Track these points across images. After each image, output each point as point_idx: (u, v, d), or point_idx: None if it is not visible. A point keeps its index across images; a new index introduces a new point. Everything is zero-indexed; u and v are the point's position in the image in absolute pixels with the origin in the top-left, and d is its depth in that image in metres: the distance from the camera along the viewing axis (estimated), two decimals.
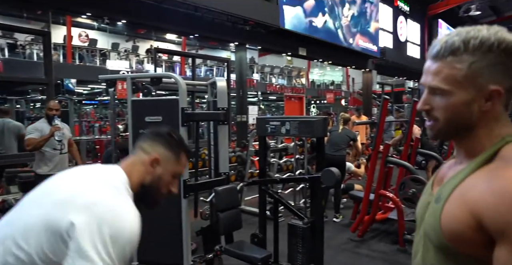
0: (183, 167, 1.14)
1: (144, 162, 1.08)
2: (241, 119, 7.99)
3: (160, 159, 1.08)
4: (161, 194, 1.10)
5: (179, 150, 1.12)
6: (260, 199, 3.11)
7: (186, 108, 2.88)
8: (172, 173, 1.10)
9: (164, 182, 1.09)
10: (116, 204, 0.93)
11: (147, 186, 1.07)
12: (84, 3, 5.45)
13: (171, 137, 1.12)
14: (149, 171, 1.07)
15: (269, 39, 8.74)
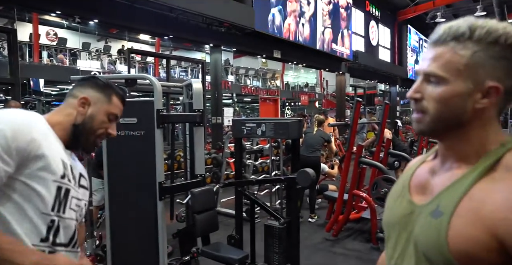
0: (117, 107, 1.14)
1: (73, 105, 1.09)
2: (216, 121, 7.97)
3: (90, 99, 1.09)
4: (96, 134, 1.10)
5: (109, 91, 1.12)
6: (237, 201, 3.12)
7: (162, 109, 2.85)
8: (105, 113, 1.11)
9: (97, 121, 1.09)
10: None
11: (80, 125, 1.08)
12: (54, 1, 5.29)
13: (98, 79, 1.14)
14: (80, 112, 1.08)
15: (244, 41, 8.78)
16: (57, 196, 0.97)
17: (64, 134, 1.06)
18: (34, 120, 0.97)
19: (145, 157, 2.83)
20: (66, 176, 1.00)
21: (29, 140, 0.91)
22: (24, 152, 0.89)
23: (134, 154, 2.91)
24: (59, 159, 0.99)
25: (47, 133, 1.00)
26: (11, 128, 0.89)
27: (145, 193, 2.85)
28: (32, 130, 0.93)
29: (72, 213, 1.04)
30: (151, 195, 2.81)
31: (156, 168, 2.81)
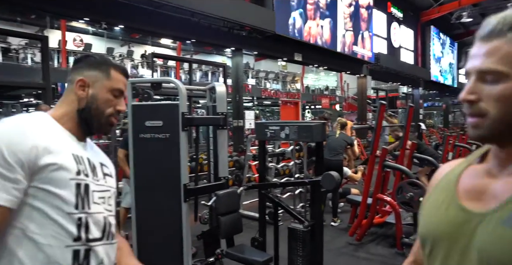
0: (119, 81, 1.05)
1: (72, 91, 1.02)
2: (237, 124, 8.01)
3: (87, 80, 1.02)
4: (105, 114, 1.04)
5: (105, 66, 1.04)
6: (260, 203, 3.13)
7: (186, 112, 2.90)
8: (107, 90, 1.03)
9: (102, 100, 1.02)
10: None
11: (85, 109, 1.01)
12: (83, 8, 5.47)
13: (91, 57, 1.06)
14: (81, 96, 1.01)
15: (265, 45, 8.82)
16: (78, 193, 0.93)
17: (73, 124, 1.01)
18: (29, 124, 0.90)
19: (170, 159, 2.88)
20: (81, 171, 0.95)
21: (29, 148, 0.85)
22: (28, 162, 0.85)
23: (159, 156, 2.97)
24: (70, 155, 0.94)
25: (50, 131, 0.94)
26: (5, 143, 0.83)
27: (170, 195, 2.89)
28: (28, 137, 0.87)
29: (98, 206, 0.99)
30: (176, 197, 2.85)
31: (180, 170, 2.85)
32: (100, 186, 1.01)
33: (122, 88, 1.06)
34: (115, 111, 1.05)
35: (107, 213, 1.02)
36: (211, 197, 3.42)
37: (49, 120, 0.97)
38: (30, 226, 0.86)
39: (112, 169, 1.12)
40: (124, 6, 5.88)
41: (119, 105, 1.06)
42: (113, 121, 1.06)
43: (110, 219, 1.03)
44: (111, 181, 1.08)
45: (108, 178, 1.07)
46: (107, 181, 1.06)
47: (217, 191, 2.87)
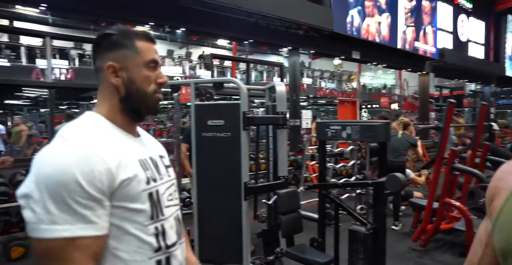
0: (148, 51, 0.93)
1: (106, 81, 0.91)
2: (294, 123, 7.98)
3: (115, 63, 0.90)
4: (148, 94, 0.93)
5: (129, 40, 0.91)
6: (320, 204, 3.09)
7: (247, 112, 2.94)
8: (142, 66, 0.91)
9: (140, 80, 0.91)
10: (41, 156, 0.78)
11: (126, 97, 0.91)
12: (148, 13, 5.80)
13: (108, 34, 0.91)
14: (117, 83, 0.90)
15: (322, 43, 8.68)
16: (152, 203, 0.88)
17: (123, 118, 0.92)
18: (92, 142, 0.80)
19: (231, 157, 2.95)
20: (150, 178, 0.89)
21: (104, 173, 0.78)
22: (107, 187, 0.78)
23: (220, 155, 3.05)
24: (137, 163, 0.88)
25: (111, 139, 0.86)
26: (80, 175, 0.74)
27: (230, 192, 2.96)
28: (98, 161, 0.78)
29: (169, 209, 0.95)
30: (236, 195, 2.92)
31: (241, 169, 2.91)
32: (166, 184, 0.97)
33: (155, 57, 0.94)
34: (157, 85, 0.94)
35: (176, 209, 1.00)
36: (270, 195, 3.45)
37: (103, 122, 0.89)
38: (114, 244, 0.82)
39: (166, 153, 1.06)
40: (185, 10, 6.13)
41: (159, 78, 0.94)
42: (159, 97, 0.95)
43: (178, 214, 1.01)
44: (171, 171, 1.03)
45: (170, 170, 1.02)
46: (170, 173, 1.01)
47: (277, 190, 2.89)
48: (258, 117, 3.36)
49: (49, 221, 0.69)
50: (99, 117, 0.90)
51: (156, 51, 0.96)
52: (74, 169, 0.73)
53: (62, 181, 0.71)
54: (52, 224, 0.69)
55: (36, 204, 0.70)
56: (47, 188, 0.70)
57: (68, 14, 7.45)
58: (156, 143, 1.07)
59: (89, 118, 0.89)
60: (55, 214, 0.69)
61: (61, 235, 0.69)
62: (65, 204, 0.70)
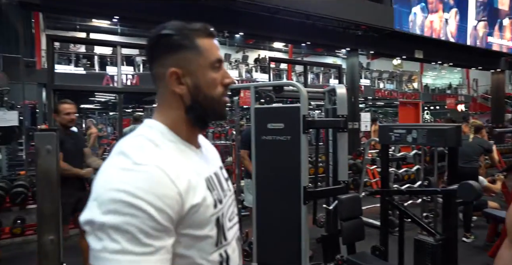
0: (212, 49, 0.80)
1: (168, 88, 0.79)
2: (352, 126, 7.76)
3: (177, 69, 0.78)
4: (215, 99, 0.81)
5: (188, 39, 0.78)
6: (382, 210, 2.96)
7: (307, 115, 2.91)
8: (207, 68, 0.80)
9: (206, 85, 0.80)
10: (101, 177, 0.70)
11: (193, 105, 0.80)
12: (207, 20, 5.96)
13: (165, 36, 0.79)
14: (182, 92, 0.79)
15: (381, 43, 8.37)
16: (219, 228, 0.79)
17: (188, 130, 0.82)
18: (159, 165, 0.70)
19: (291, 161, 2.93)
20: (216, 200, 0.80)
21: (175, 199, 0.69)
22: (175, 214, 0.70)
23: (280, 158, 3.05)
24: (204, 185, 0.78)
25: (178, 158, 0.76)
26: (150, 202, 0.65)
27: (289, 196, 2.94)
28: (169, 185, 0.69)
29: (231, 231, 0.86)
30: (296, 199, 2.89)
31: (301, 173, 2.88)
32: (228, 201, 0.87)
33: (219, 56, 0.82)
34: (224, 87, 0.83)
35: (237, 228, 0.91)
36: (330, 200, 3.38)
37: (166, 134, 0.79)
38: None
39: (224, 168, 0.96)
40: (244, 15, 6.25)
41: (225, 78, 0.83)
42: (226, 100, 0.84)
43: (238, 234, 0.92)
44: (230, 184, 0.94)
45: (229, 182, 0.93)
46: (230, 187, 0.92)
47: (338, 195, 2.82)
48: (318, 121, 3.31)
49: (113, 250, 0.63)
50: (162, 128, 0.79)
51: (218, 46, 0.83)
52: (143, 196, 0.65)
53: (128, 209, 0.64)
54: (116, 254, 0.63)
55: (100, 232, 0.64)
56: (114, 217, 0.63)
57: (135, 24, 7.97)
58: (214, 150, 0.96)
59: (152, 130, 0.79)
60: (120, 243, 0.63)
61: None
62: (130, 234, 0.63)
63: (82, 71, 10.79)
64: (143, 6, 5.38)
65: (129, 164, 0.69)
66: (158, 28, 0.80)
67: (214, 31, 0.83)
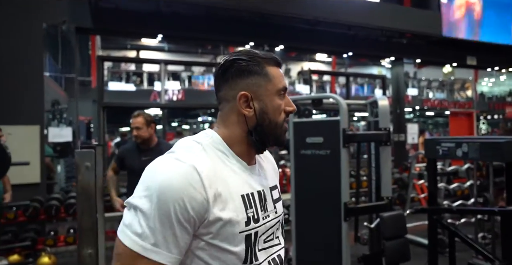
0: (279, 77, 0.86)
1: (234, 109, 0.84)
2: (398, 138, 7.44)
3: (247, 92, 0.83)
4: (278, 125, 0.86)
5: (259, 66, 0.84)
6: (430, 230, 2.76)
7: (347, 129, 2.84)
8: (274, 95, 0.85)
9: (272, 111, 0.84)
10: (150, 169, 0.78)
11: (257, 128, 0.84)
12: (248, 35, 6.13)
13: (238, 60, 0.84)
14: (249, 115, 0.83)
15: (429, 51, 8.00)
16: (248, 246, 0.80)
17: (244, 148, 0.86)
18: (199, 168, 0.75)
19: (331, 176, 2.86)
20: (251, 219, 0.81)
21: (200, 202, 0.73)
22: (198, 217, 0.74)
23: (319, 173, 2.98)
24: (240, 201, 0.80)
25: (220, 169, 0.80)
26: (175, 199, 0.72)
27: (329, 212, 2.86)
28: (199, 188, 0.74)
29: (265, 251, 0.86)
30: (336, 215, 2.80)
31: (341, 188, 2.79)
32: (270, 222, 0.88)
33: (285, 84, 0.88)
34: (285, 115, 0.88)
35: (275, 250, 0.90)
36: (373, 217, 3.23)
37: (219, 145, 0.84)
38: None
39: (279, 189, 0.98)
40: (284, 28, 6.31)
41: (288, 106, 0.88)
42: (286, 128, 0.90)
43: (280, 255, 0.91)
44: (280, 205, 0.94)
45: (278, 204, 0.93)
46: (277, 209, 0.92)
47: (380, 211, 2.69)
48: (359, 134, 3.21)
49: (134, 231, 0.72)
50: (217, 137, 0.85)
51: (283, 76, 0.89)
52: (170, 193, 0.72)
53: (159, 202, 0.72)
54: (135, 235, 0.71)
55: (135, 213, 0.73)
56: (146, 203, 0.72)
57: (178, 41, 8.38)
58: (271, 168, 0.99)
59: (207, 136, 0.85)
60: (143, 228, 0.71)
61: (135, 249, 0.71)
62: (152, 222, 0.71)
63: (133, 87, 11.42)
64: (185, 24, 5.62)
65: (171, 159, 0.77)
66: (231, 54, 0.87)
67: (281, 62, 0.90)
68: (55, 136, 4.74)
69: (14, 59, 4.33)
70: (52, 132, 4.84)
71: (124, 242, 0.72)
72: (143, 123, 2.77)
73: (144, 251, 0.71)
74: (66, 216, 4.17)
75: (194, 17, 5.61)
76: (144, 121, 2.77)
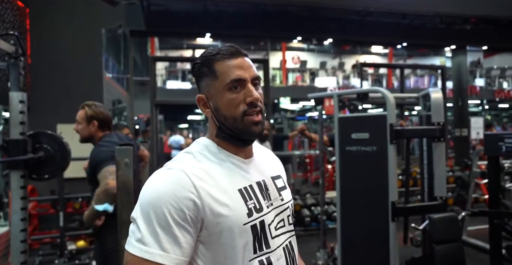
0: (227, 71, 0.83)
1: (204, 111, 0.90)
2: (460, 133, 6.88)
3: (202, 94, 0.87)
4: (235, 118, 0.84)
5: (207, 64, 0.85)
6: (492, 235, 2.52)
7: (395, 124, 2.68)
8: (223, 91, 0.83)
9: (224, 106, 0.84)
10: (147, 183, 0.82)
11: (220, 127, 0.86)
12: (296, 29, 6.05)
13: (194, 65, 0.89)
14: (208, 115, 0.88)
15: (499, 36, 7.25)
16: (255, 235, 0.82)
17: (228, 145, 0.88)
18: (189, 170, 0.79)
19: (377, 174, 2.72)
20: (252, 209, 0.83)
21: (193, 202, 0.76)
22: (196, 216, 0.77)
23: (366, 170, 2.86)
24: (238, 195, 0.82)
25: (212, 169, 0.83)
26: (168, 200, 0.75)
27: (376, 212, 2.73)
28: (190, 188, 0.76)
29: (277, 239, 0.87)
30: (383, 214, 2.67)
31: (388, 187, 2.65)
32: (276, 210, 0.90)
33: (236, 76, 0.83)
34: (246, 106, 0.84)
35: (286, 237, 0.91)
36: (425, 218, 3.03)
37: (210, 147, 0.88)
38: None
39: (283, 173, 1.00)
40: (332, 21, 6.12)
41: (247, 97, 0.84)
42: (251, 119, 0.84)
43: (291, 242, 0.93)
44: (287, 193, 0.95)
45: (284, 192, 0.94)
46: (284, 196, 0.94)
47: (431, 213, 2.50)
48: (407, 130, 3.01)
49: (137, 239, 0.75)
50: (207, 142, 0.89)
51: (243, 65, 0.85)
52: (165, 196, 0.75)
53: (153, 207, 0.76)
54: (139, 242, 0.75)
55: (135, 223, 0.78)
56: (142, 211, 0.77)
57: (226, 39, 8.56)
58: (271, 161, 1.00)
59: (198, 145, 0.90)
60: (144, 234, 0.75)
61: (140, 255, 0.74)
62: (151, 227, 0.75)
63: (189, 86, 11.85)
64: (232, 22, 5.70)
65: (161, 170, 0.83)
66: None
67: (237, 51, 0.86)
68: None
69: (76, 62, 4.71)
70: None
71: (129, 251, 0.76)
72: (83, 117, 2.15)
73: (150, 256, 0.73)
74: None
75: (240, 14, 5.66)
76: (84, 115, 2.15)
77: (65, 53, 4.68)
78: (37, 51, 4.53)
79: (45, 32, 4.63)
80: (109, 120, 2.24)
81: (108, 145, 2.06)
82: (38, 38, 4.53)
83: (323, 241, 3.50)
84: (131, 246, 0.76)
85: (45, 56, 4.61)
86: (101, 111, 2.19)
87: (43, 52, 4.60)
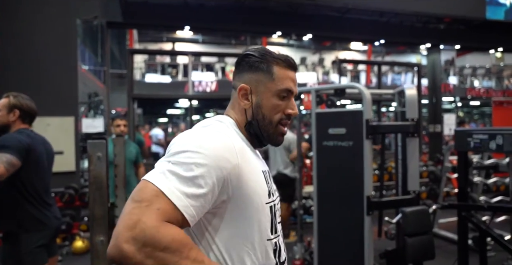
0: (284, 79, 0.89)
1: (237, 99, 0.92)
2: (434, 129, 7.09)
3: (248, 86, 0.89)
4: (272, 123, 0.90)
5: (266, 64, 0.89)
6: (459, 227, 2.61)
7: (371, 119, 2.73)
8: (273, 94, 0.89)
9: (268, 108, 0.89)
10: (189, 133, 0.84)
11: (252, 122, 0.90)
12: (275, 24, 6.05)
13: (250, 55, 0.91)
14: (245, 106, 0.90)
15: (470, 36, 7.49)
16: (273, 217, 0.87)
17: (248, 134, 0.92)
18: (231, 139, 0.83)
19: (353, 168, 2.77)
20: (271, 192, 0.88)
21: (232, 167, 0.79)
22: (228, 180, 0.78)
23: (342, 165, 2.90)
24: (262, 175, 0.87)
25: (243, 145, 0.87)
26: (212, 157, 0.76)
27: (352, 205, 2.79)
28: (232, 155, 0.80)
29: (279, 226, 0.92)
30: (358, 208, 2.72)
31: (364, 181, 2.71)
32: (277, 199, 0.94)
33: (289, 87, 0.90)
34: (284, 116, 0.91)
35: (281, 226, 0.96)
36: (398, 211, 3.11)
37: (234, 126, 0.92)
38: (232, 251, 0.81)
39: None
40: (312, 17, 6.15)
41: (288, 108, 0.91)
42: (282, 129, 0.92)
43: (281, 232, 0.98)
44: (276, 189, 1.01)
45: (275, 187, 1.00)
46: (275, 187, 0.98)
47: (405, 206, 2.58)
48: (383, 125, 3.07)
49: (162, 171, 0.74)
50: (231, 121, 0.92)
51: (295, 80, 0.92)
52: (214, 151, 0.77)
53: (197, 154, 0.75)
54: (163, 175, 0.73)
55: (168, 159, 0.76)
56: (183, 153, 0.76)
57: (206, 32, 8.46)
58: None
59: (226, 119, 0.92)
60: (173, 171, 0.73)
61: (159, 185, 0.71)
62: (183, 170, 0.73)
63: (168, 79, 11.66)
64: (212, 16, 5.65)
65: (209, 129, 0.85)
66: (249, 49, 0.95)
67: (294, 65, 0.93)
68: (88, 126, 4.96)
69: (51, 54, 4.55)
70: (85, 122, 5.07)
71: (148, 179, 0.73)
72: (5, 105, 2.08)
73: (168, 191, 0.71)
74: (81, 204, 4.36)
75: (220, 8, 5.61)
76: (6, 104, 2.08)
77: (37, 44, 4.51)
78: (7, 42, 4.36)
79: (16, 22, 4.45)
80: (33, 114, 2.15)
81: (23, 137, 1.97)
82: (7, 29, 4.36)
83: (300, 235, 3.54)
84: (152, 176, 0.73)
85: (15, 48, 4.43)
86: (26, 103, 2.11)
87: (13, 43, 4.43)
